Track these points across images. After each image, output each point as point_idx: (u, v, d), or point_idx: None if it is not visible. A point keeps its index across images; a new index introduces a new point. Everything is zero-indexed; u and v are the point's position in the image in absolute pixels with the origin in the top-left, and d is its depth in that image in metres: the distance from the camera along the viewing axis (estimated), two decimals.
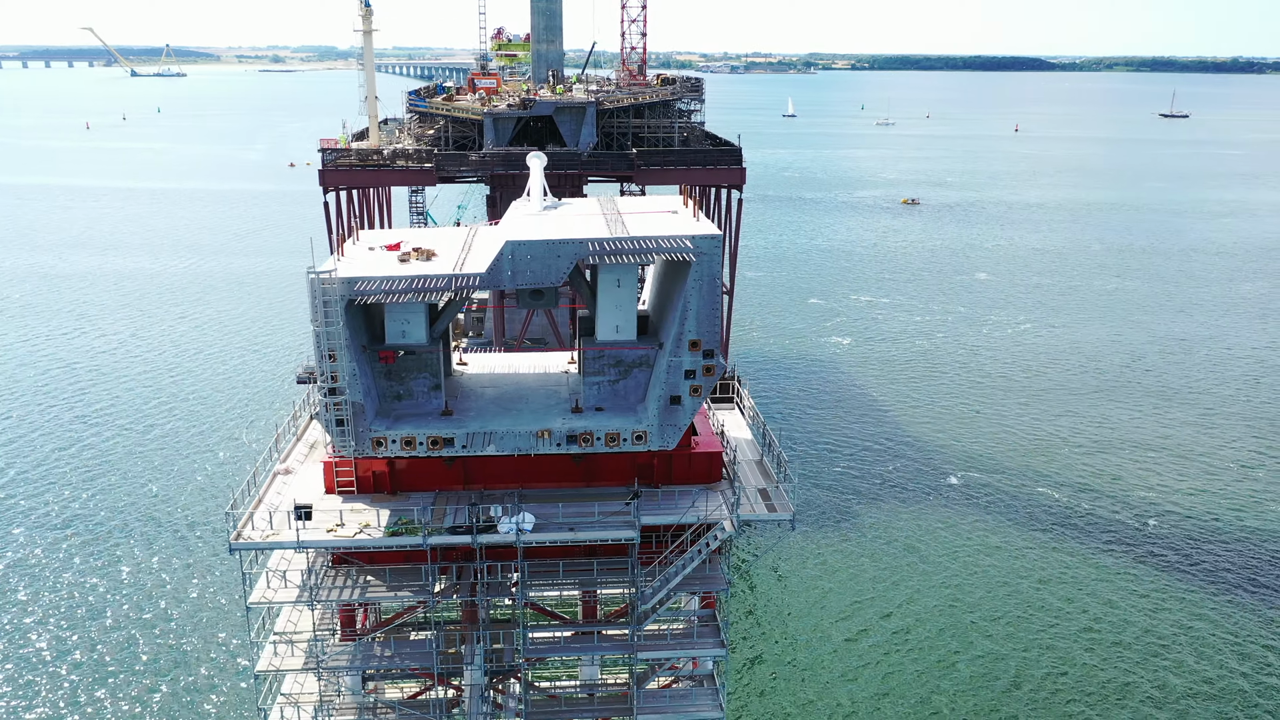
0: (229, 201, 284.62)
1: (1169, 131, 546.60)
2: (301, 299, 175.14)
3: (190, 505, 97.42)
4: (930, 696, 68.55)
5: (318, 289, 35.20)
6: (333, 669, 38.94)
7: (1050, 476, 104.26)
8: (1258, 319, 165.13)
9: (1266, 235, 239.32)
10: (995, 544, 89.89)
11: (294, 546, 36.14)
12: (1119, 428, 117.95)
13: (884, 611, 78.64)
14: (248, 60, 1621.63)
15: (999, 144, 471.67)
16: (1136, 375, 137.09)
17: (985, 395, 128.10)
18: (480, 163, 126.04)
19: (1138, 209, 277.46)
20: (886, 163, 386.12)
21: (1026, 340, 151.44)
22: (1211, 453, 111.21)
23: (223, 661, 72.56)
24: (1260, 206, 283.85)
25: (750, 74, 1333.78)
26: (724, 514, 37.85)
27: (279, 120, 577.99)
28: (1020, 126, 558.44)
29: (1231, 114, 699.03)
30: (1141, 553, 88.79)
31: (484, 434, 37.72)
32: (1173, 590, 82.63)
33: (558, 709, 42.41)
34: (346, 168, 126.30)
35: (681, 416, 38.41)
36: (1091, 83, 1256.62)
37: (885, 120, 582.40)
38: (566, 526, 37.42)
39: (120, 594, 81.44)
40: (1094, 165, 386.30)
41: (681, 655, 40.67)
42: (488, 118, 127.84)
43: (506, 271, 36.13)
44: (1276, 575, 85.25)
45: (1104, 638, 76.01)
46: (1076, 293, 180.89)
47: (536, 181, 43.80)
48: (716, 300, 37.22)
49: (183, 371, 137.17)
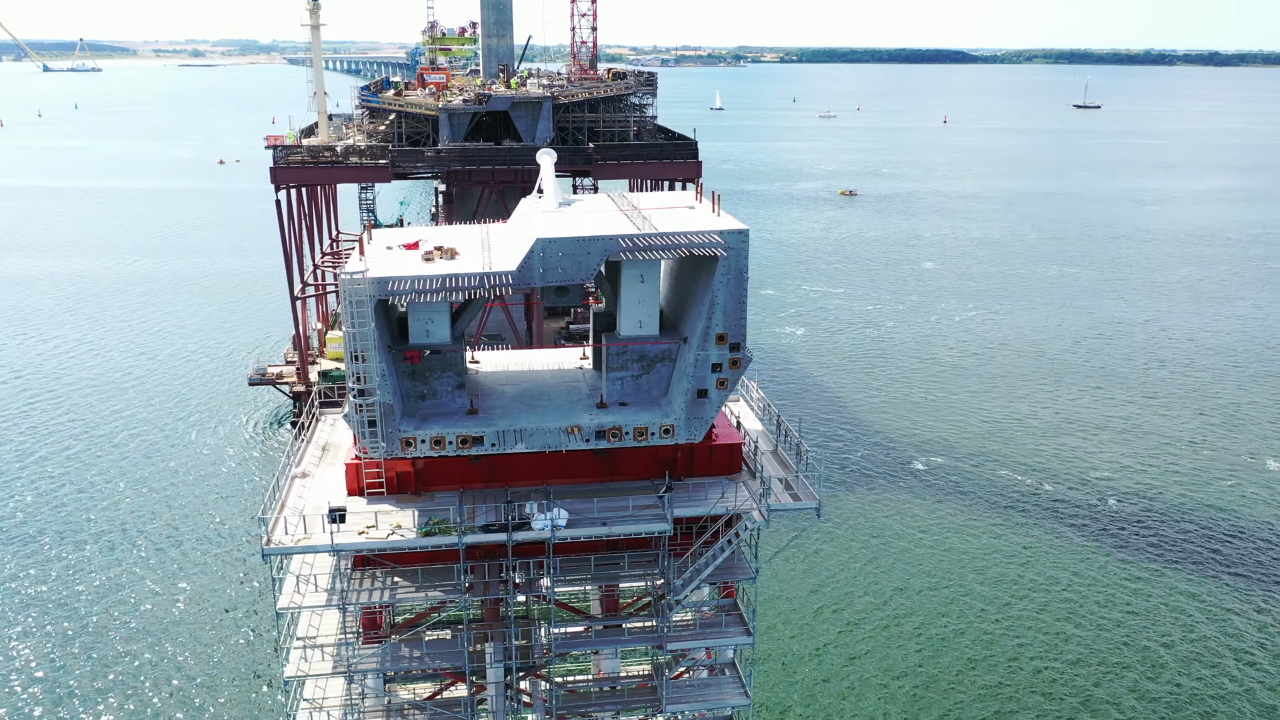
0: (160, 200, 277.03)
1: (1084, 122, 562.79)
2: (248, 299, 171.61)
3: (143, 510, 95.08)
4: (934, 677, 70.35)
5: (349, 290, 34.82)
6: (363, 671, 38.67)
7: (1010, 459, 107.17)
8: (1190, 302, 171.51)
9: (1191, 222, 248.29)
10: (962, 524, 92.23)
11: (329, 550, 35.80)
12: (1069, 409, 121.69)
13: (876, 594, 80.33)
14: (166, 55, 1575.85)
15: (930, 135, 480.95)
16: (1081, 358, 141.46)
17: (941, 381, 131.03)
18: (437, 159, 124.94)
19: (1068, 198, 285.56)
20: (823, 154, 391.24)
21: (975, 328, 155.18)
22: (1157, 430, 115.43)
23: (224, 667, 71.22)
24: (1182, 195, 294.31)
25: (680, 67, 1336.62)
26: (754, 504, 38.45)
27: (205, 116, 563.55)
28: (949, 118, 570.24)
29: (1140, 104, 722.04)
30: (1104, 528, 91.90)
31: (514, 431, 37.76)
32: (1138, 560, 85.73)
33: (585, 703, 42.71)
34: (298, 164, 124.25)
35: (708, 409, 38.89)
36: (1012, 74, 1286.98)
37: (827, 113, 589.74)
38: (599, 521, 37.67)
39: (100, 603, 79.31)
40: (1022, 155, 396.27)
41: (709, 645, 41.23)
42: (443, 113, 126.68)
43: (537, 269, 36.18)
44: (1225, 541, 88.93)
45: (1110, 615, 78.70)
46: (1019, 280, 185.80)
47: (549, 178, 43.82)
48: (743, 294, 37.77)
49: (130, 375, 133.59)
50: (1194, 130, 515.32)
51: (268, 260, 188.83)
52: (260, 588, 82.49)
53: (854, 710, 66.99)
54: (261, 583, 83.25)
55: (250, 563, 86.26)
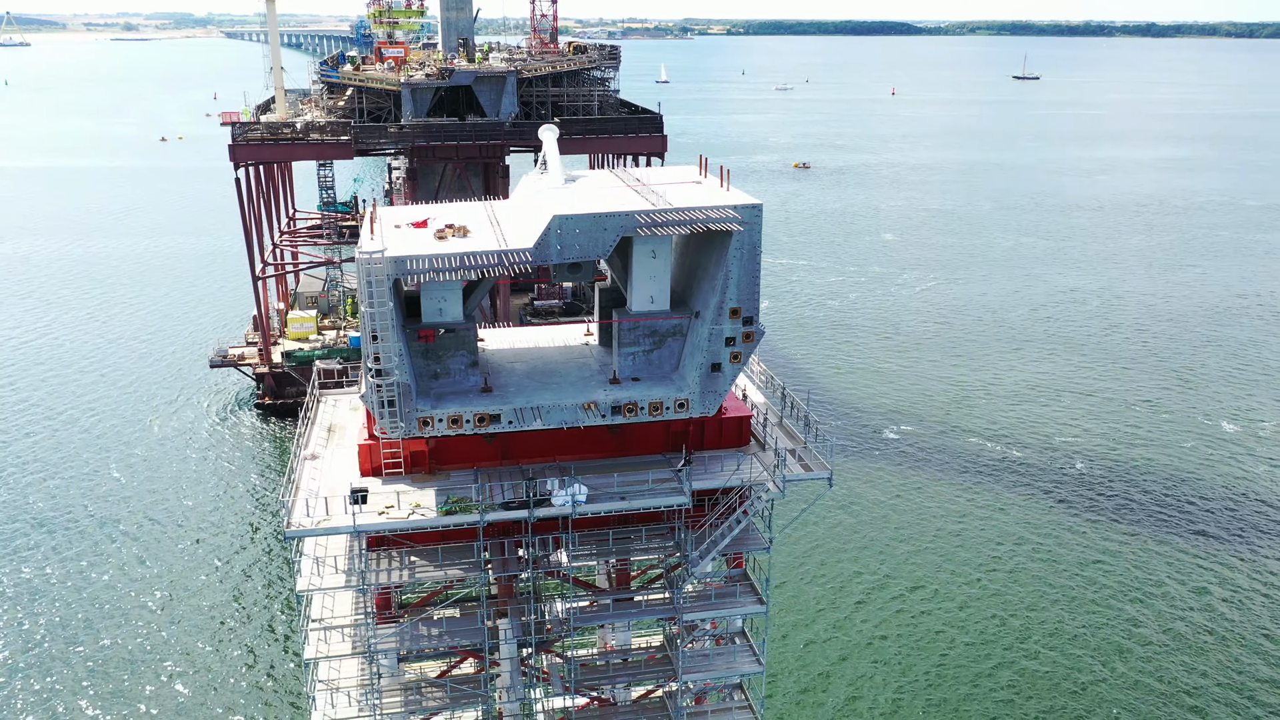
0: (105, 179, 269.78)
1: (1025, 93, 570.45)
2: (204, 279, 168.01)
3: (109, 498, 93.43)
4: (920, 640, 71.95)
5: (366, 269, 34.47)
6: (383, 650, 38.65)
7: (978, 424, 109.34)
8: (1141, 270, 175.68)
9: (1138, 192, 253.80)
10: (935, 490, 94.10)
11: (351, 531, 35.63)
12: (1032, 375, 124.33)
13: (855, 561, 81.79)
14: (97, 29, 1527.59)
15: (879, 107, 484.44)
16: (1040, 326, 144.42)
17: (907, 351, 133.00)
18: (400, 135, 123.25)
19: (1018, 168, 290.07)
20: (776, 127, 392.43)
21: (937, 298, 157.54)
22: (1116, 394, 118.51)
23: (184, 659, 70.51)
24: (1127, 164, 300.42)
25: (627, 39, 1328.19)
26: (768, 475, 38.97)
27: (142, 93, 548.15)
28: (897, 90, 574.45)
29: (1078, 76, 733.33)
30: (1074, 490, 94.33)
31: (532, 409, 37.78)
32: (1110, 521, 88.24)
33: (601, 676, 43.14)
34: (257, 141, 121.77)
35: (722, 383, 39.22)
36: (955, 46, 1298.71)
37: (784, 85, 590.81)
38: (618, 496, 37.93)
39: (65, 592, 77.95)
40: (969, 127, 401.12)
41: (724, 615, 41.83)
42: (405, 88, 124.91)
43: (555, 245, 36.08)
44: (1189, 500, 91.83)
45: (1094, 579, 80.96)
46: (977, 250, 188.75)
47: (553, 154, 43.60)
48: (756, 268, 38.05)
49: (86, 361, 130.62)
50: (1134, 101, 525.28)
51: (221, 240, 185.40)
52: (231, 570, 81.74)
53: (853, 672, 68.39)
54: (232, 565, 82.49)
55: (220, 548, 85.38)
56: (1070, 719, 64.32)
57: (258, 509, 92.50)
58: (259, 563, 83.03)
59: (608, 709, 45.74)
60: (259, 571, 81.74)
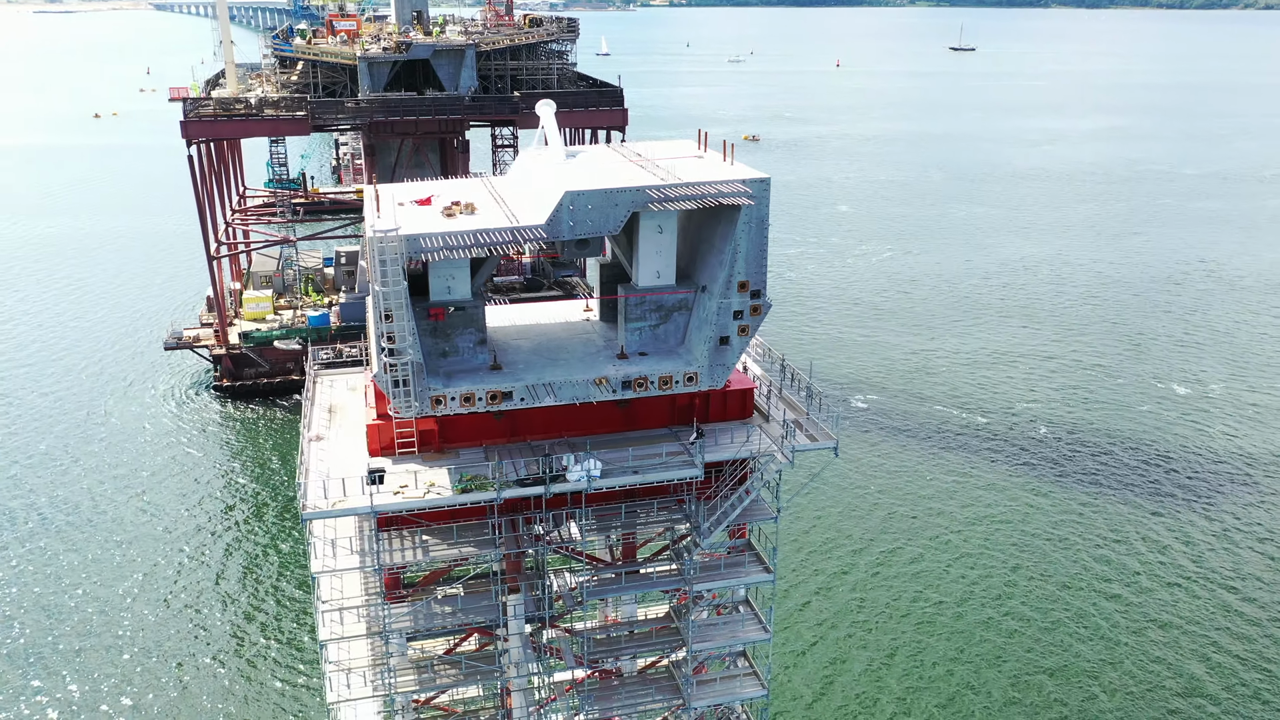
0: (37, 157, 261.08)
1: (963, 64, 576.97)
2: (153, 260, 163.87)
3: (68, 485, 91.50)
4: (892, 603, 73.58)
5: (379, 248, 34.11)
6: (398, 630, 38.63)
7: (941, 392, 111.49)
8: (1090, 238, 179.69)
9: (1083, 161, 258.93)
10: (901, 459, 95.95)
11: (369, 512, 35.45)
12: (991, 343, 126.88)
13: (827, 530, 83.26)
14: (18, 2, 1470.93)
15: (824, 79, 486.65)
16: (995, 294, 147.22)
17: (866, 321, 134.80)
18: (358, 110, 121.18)
19: (965, 139, 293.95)
20: (724, 100, 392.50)
21: (895, 268, 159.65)
22: (1072, 359, 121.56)
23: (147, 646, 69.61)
24: (1069, 134, 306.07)
25: (570, 10, 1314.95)
26: (777, 447, 39.51)
27: (70, 67, 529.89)
28: (841, 62, 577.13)
29: (1014, 46, 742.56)
30: (1040, 455, 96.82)
31: (544, 385, 37.82)
32: (1077, 484, 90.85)
33: (610, 648, 43.55)
34: (210, 118, 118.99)
35: (730, 356, 39.59)
36: (896, 17, 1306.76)
37: (736, 57, 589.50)
38: (631, 470, 38.21)
39: (21, 582, 76.33)
40: (914, 98, 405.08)
41: (733, 585, 42.43)
42: (362, 62, 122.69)
43: (567, 222, 36.00)
44: (1148, 460, 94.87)
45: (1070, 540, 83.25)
46: (931, 220, 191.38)
47: (552, 129, 43.37)
48: (764, 242, 38.37)
49: (35, 346, 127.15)
50: (1072, 72, 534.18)
51: (169, 219, 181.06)
52: (201, 556, 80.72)
53: (837, 634, 69.82)
54: (201, 551, 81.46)
55: (188, 534, 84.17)
56: (1048, 669, 66.48)
57: (224, 494, 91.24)
58: (230, 547, 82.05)
59: (613, 680, 46.24)
60: (230, 556, 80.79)
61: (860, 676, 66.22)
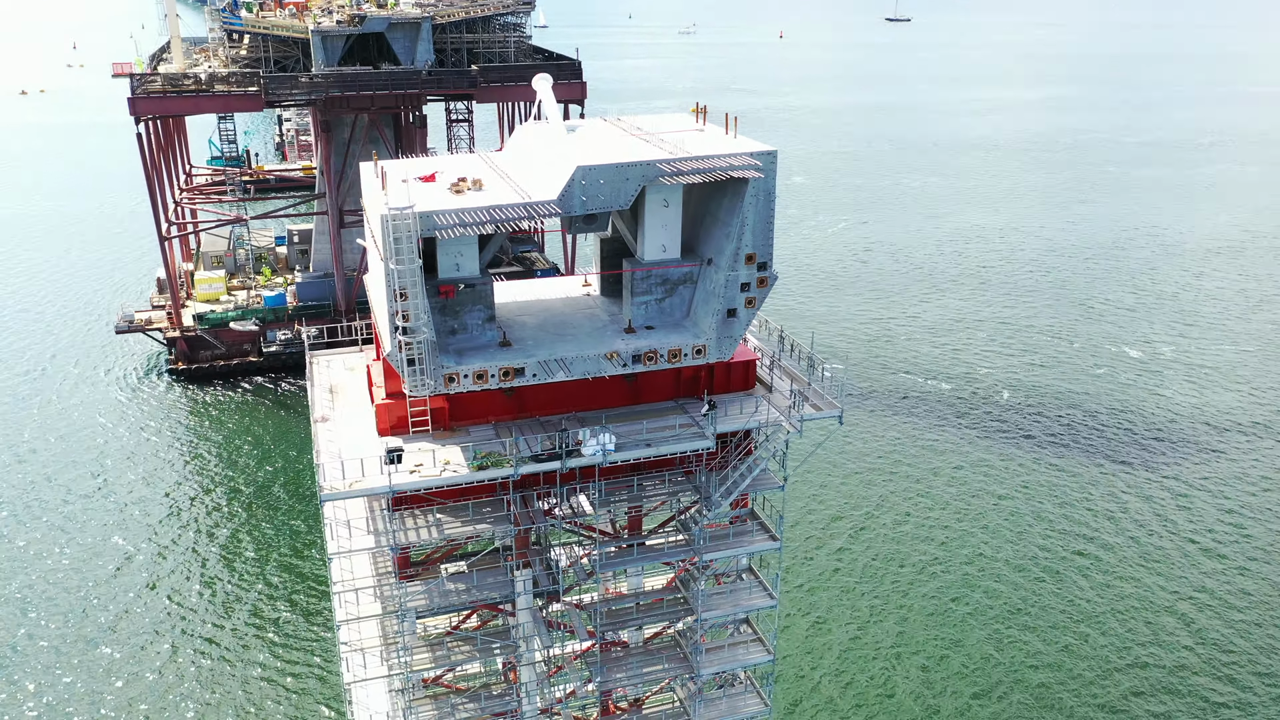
0: None
1: (901, 35, 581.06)
2: (98, 242, 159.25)
3: (26, 475, 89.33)
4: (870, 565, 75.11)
5: (393, 226, 33.76)
6: (415, 609, 38.62)
7: (903, 359, 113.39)
8: (1039, 206, 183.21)
9: (1028, 130, 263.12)
10: (869, 427, 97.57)
11: (387, 491, 35.29)
12: (950, 310, 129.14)
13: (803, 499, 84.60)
14: None
15: (768, 51, 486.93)
16: (950, 262, 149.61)
17: (826, 291, 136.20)
18: (314, 84, 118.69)
19: (912, 109, 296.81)
20: (672, 73, 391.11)
21: (852, 238, 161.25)
22: (1028, 325, 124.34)
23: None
24: (1014, 104, 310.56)
25: None
26: (783, 416, 40.07)
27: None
28: (784, 33, 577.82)
29: (950, 17, 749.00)
30: (1004, 419, 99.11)
31: (556, 361, 37.86)
32: (1040, 444, 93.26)
33: (620, 620, 43.99)
34: (159, 94, 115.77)
35: (737, 328, 39.95)
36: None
37: (688, 29, 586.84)
38: (644, 443, 38.51)
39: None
40: (857, 70, 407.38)
41: (741, 553, 43.04)
42: (316, 35, 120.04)
43: (579, 196, 35.95)
44: (1105, 420, 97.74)
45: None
46: (885, 191, 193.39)
47: (551, 103, 43.14)
48: (771, 214, 38.75)
49: None
50: (1013, 42, 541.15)
51: (111, 198, 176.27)
52: (166, 546, 79.53)
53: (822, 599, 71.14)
54: (166, 541, 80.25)
55: (153, 524, 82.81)
56: (1025, 624, 68.63)
57: (191, 480, 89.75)
58: (199, 534, 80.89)
59: (617, 651, 46.73)
60: (200, 543, 79.67)
61: (850, 641, 67.71)
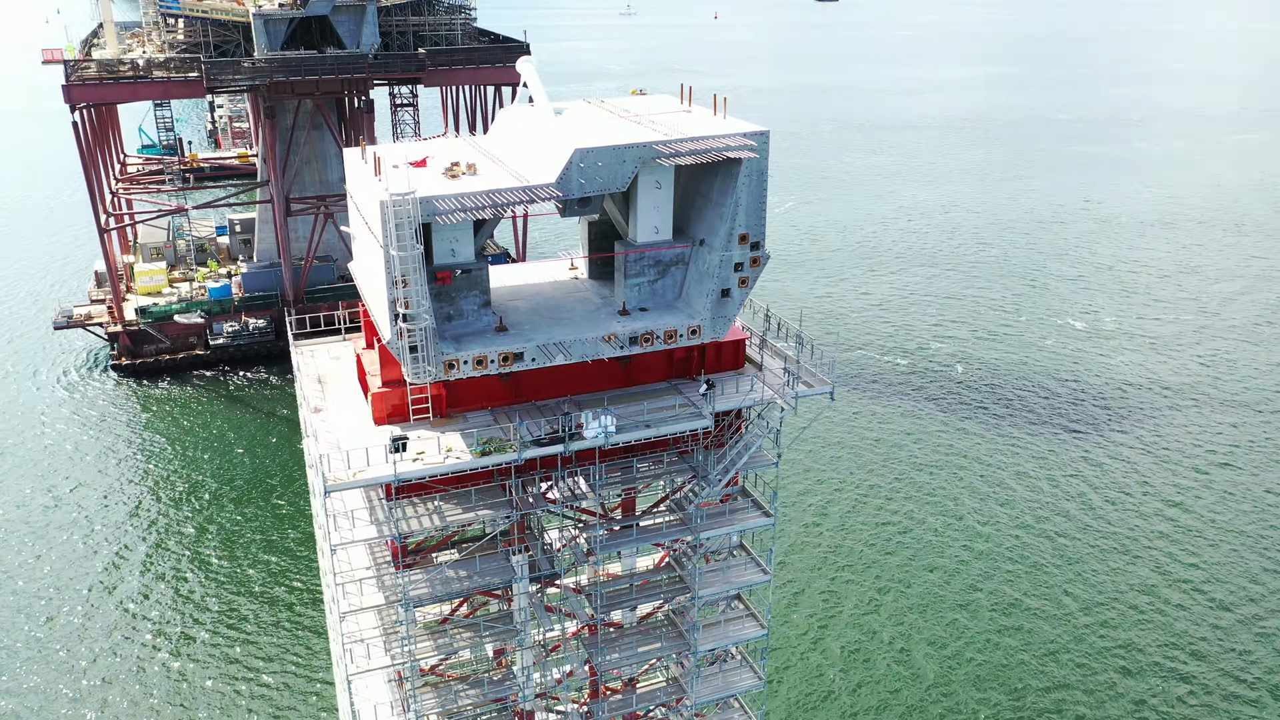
0: None
1: (831, 15, 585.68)
2: (26, 234, 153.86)
3: None
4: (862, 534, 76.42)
5: (393, 211, 33.36)
6: (416, 597, 38.38)
7: (859, 335, 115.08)
8: (980, 184, 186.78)
9: (963, 108, 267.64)
10: (834, 407, 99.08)
11: (392, 480, 35.01)
12: (898, 286, 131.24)
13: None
14: None
15: (704, 32, 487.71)
16: (896, 239, 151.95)
17: (773, 271, 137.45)
18: (256, 69, 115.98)
19: (849, 89, 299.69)
20: (609, 55, 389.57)
21: (799, 218, 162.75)
22: (977, 300, 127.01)
23: None
24: (949, 83, 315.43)
25: None
26: (778, 394, 40.58)
27: None
28: (719, 14, 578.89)
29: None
30: (959, 392, 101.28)
31: (554, 344, 37.83)
32: (995, 415, 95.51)
33: (618, 600, 44.21)
34: (95, 81, 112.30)
35: (731, 308, 40.25)
36: None
37: (627, 10, 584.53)
38: (644, 424, 38.72)
39: None
40: (794, 50, 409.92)
41: (736, 530, 43.54)
42: (258, 19, 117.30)
43: (577, 179, 35.87)
44: (1056, 389, 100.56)
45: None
46: (830, 170, 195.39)
47: (538, 87, 42.76)
48: (764, 194, 39.02)
49: None
50: (942, 22, 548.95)
51: (38, 189, 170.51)
52: (123, 545, 77.84)
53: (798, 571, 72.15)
54: (123, 540, 78.54)
55: (109, 524, 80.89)
56: (992, 595, 70.63)
57: (144, 476, 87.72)
58: (158, 533, 79.23)
59: (612, 631, 47.03)
60: (159, 542, 78.07)
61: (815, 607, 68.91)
